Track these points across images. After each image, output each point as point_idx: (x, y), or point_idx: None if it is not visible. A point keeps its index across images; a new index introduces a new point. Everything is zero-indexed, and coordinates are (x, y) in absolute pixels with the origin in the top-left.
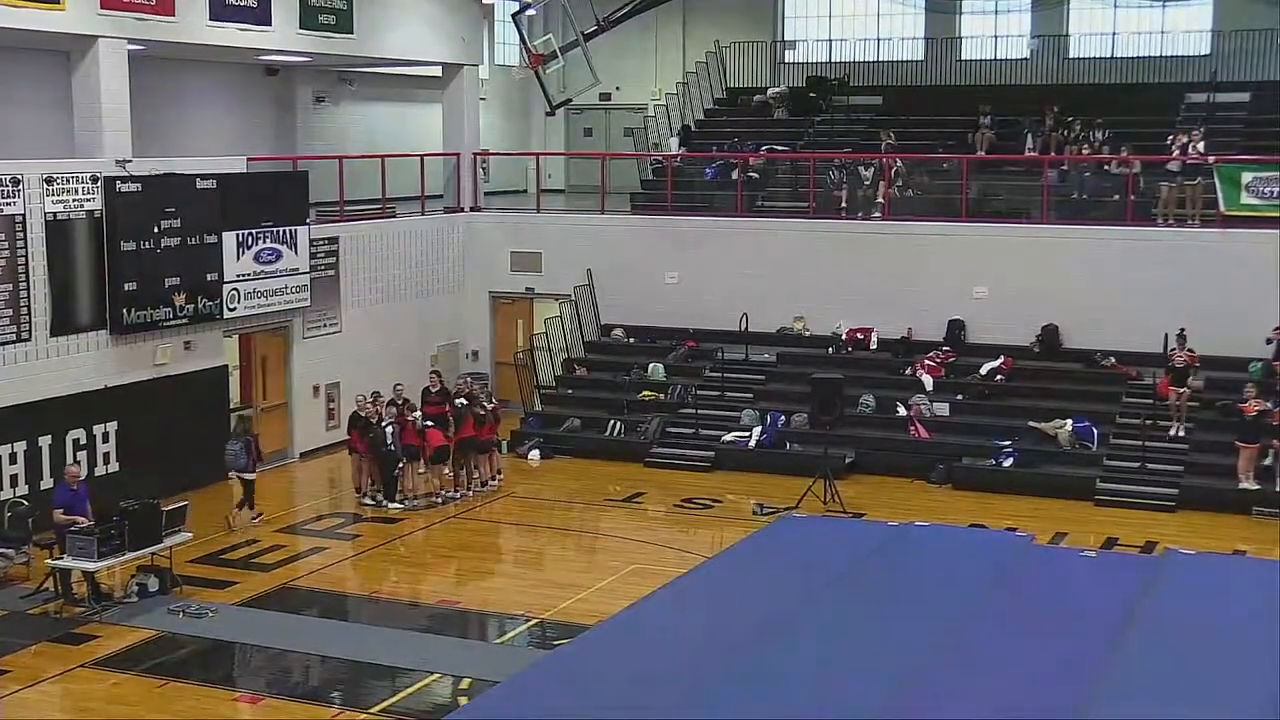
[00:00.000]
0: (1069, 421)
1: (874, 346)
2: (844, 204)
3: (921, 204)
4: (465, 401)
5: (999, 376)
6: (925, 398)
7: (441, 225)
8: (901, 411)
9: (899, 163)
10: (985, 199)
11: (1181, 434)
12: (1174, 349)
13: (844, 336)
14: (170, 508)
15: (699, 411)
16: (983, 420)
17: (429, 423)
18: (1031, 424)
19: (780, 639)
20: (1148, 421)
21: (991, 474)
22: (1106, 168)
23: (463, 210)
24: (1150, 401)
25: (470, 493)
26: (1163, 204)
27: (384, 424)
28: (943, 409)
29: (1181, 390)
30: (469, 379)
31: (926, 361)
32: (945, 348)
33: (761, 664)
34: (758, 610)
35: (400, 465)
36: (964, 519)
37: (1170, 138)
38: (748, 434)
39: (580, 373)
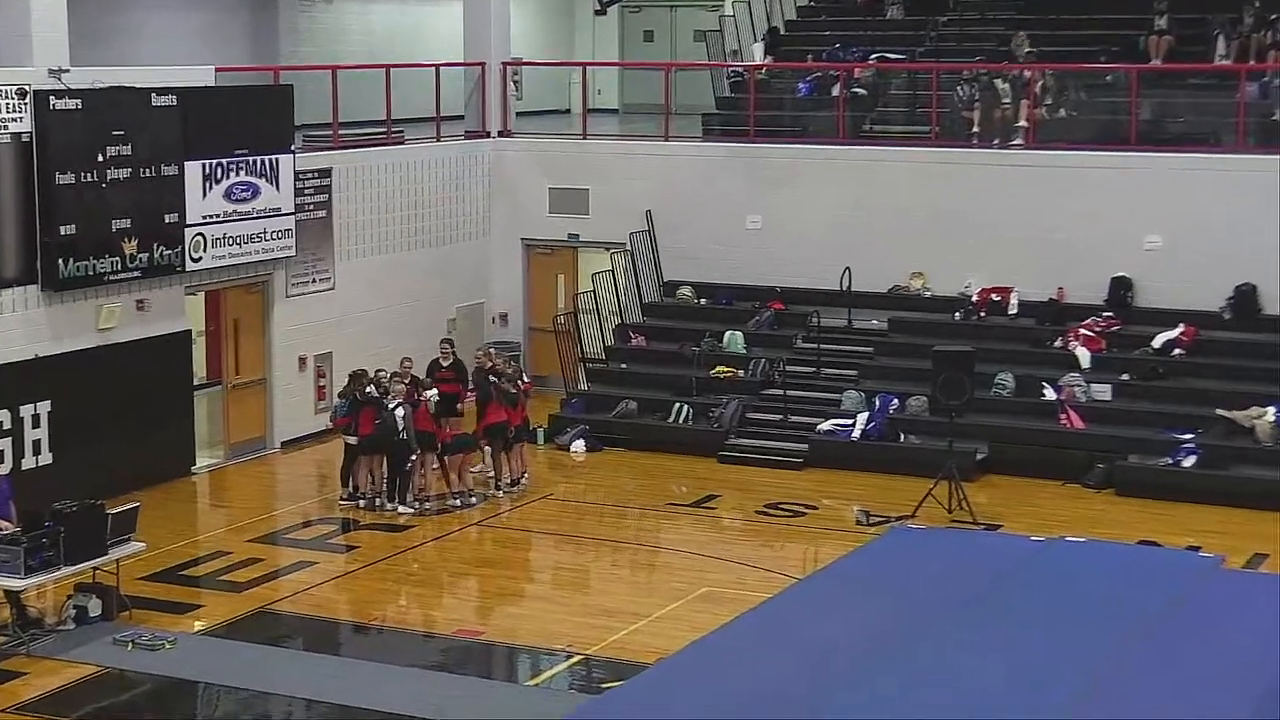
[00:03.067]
0: (1270, 409)
1: (1013, 311)
2: (976, 128)
3: (1076, 127)
4: (494, 379)
5: (1177, 351)
6: (1080, 377)
7: (462, 154)
8: (1049, 395)
9: (1047, 75)
10: (1161, 121)
11: None
12: None
13: (975, 298)
14: (117, 510)
15: (788, 393)
16: (1155, 407)
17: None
18: (1220, 412)
19: (890, 683)
20: None
21: (1166, 476)
22: None
23: (489, 135)
24: None
25: (498, 494)
26: None
27: (392, 404)
28: (1103, 392)
29: None
30: (493, 350)
31: (1082, 331)
32: (1107, 313)
33: (866, 715)
34: (862, 647)
35: (413, 458)
36: (1130, 533)
37: None
38: (850, 422)
39: (637, 342)
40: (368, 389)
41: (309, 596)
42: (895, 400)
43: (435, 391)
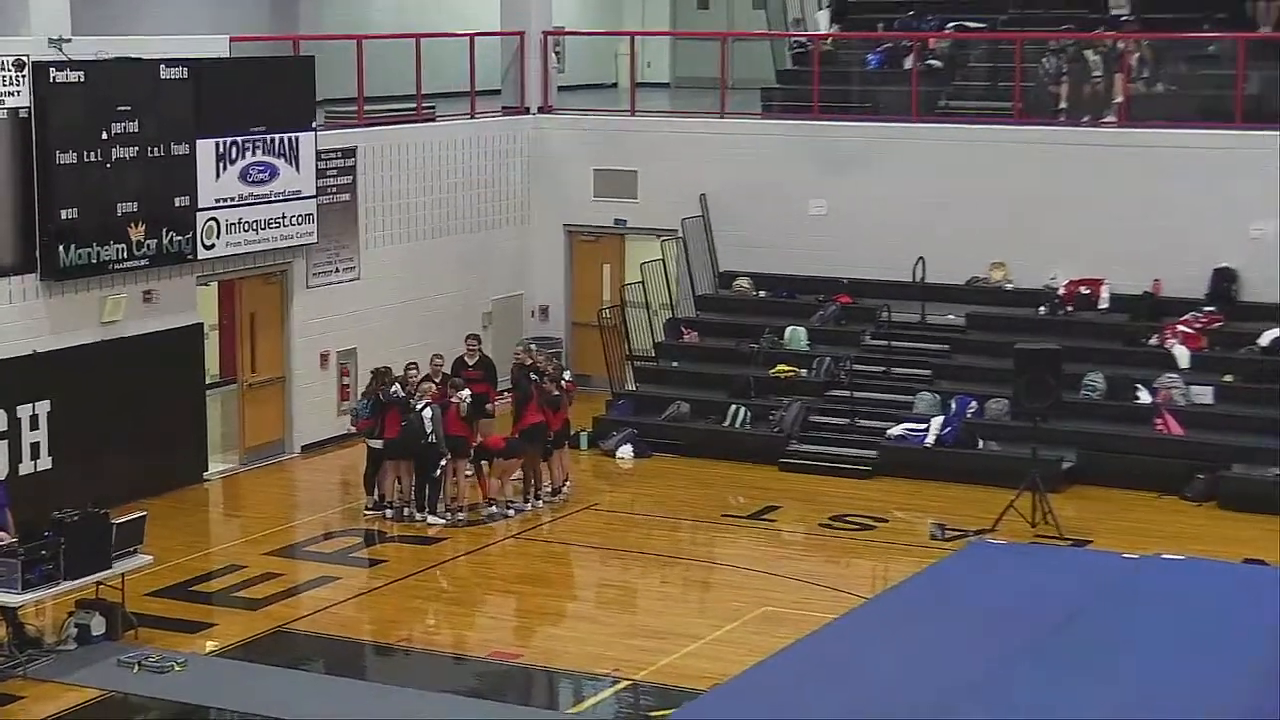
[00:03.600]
0: None
1: (1104, 305)
2: (1063, 104)
3: (1175, 103)
4: (535, 377)
5: None
6: (1178, 378)
7: (499, 133)
8: (1144, 398)
9: (1143, 45)
10: (1270, 96)
11: None
12: None
13: (1062, 291)
14: (123, 520)
15: (855, 394)
16: (1261, 412)
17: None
18: None
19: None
20: None
21: (1274, 488)
22: None
23: (528, 112)
24: None
25: (538, 503)
26: None
27: (420, 405)
28: (1203, 395)
29: None
30: (534, 346)
31: (1180, 327)
32: (1208, 308)
33: None
34: (938, 676)
35: (443, 464)
36: (1233, 551)
37: None
38: (924, 427)
39: (690, 338)
40: (392, 389)
41: (330, 615)
42: (973, 403)
43: (469, 392)
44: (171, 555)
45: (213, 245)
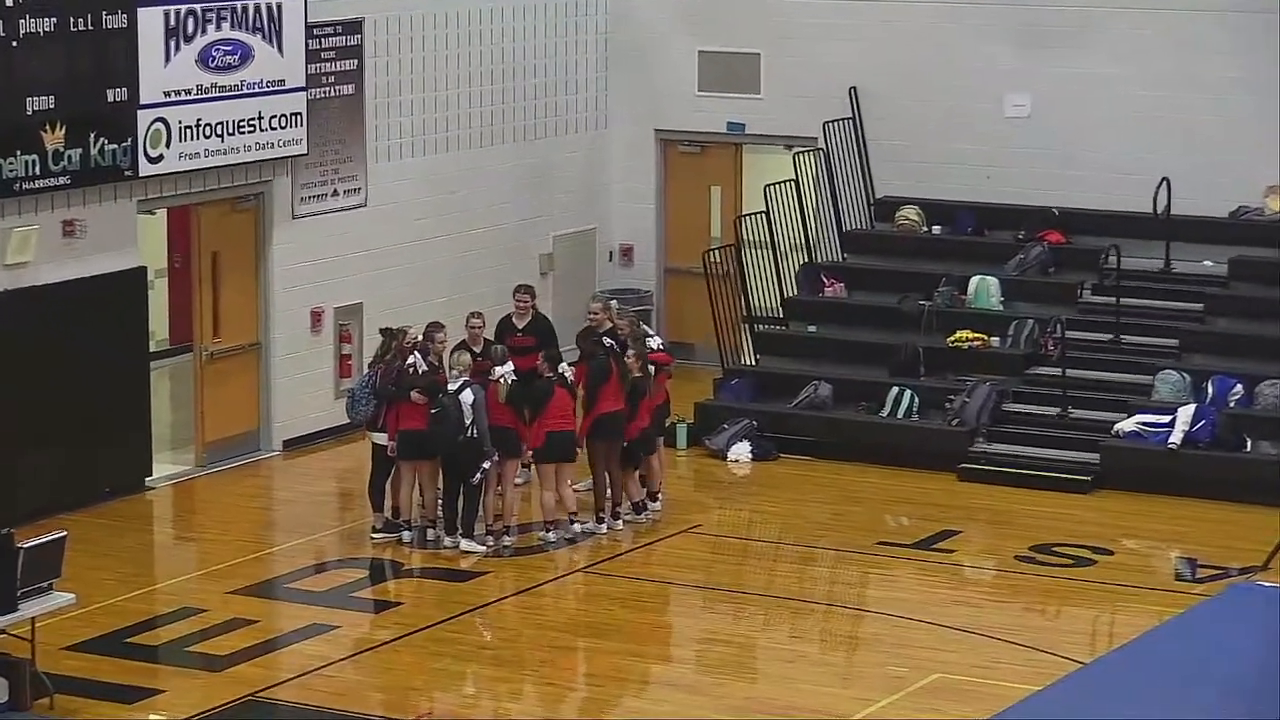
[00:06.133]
0: None
1: None
2: None
3: None
4: (611, 343)
5: None
6: None
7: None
8: None
9: None
10: None
11: None
12: None
13: None
14: (32, 544)
15: (1069, 374)
16: None
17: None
18: None
19: None
20: None
21: None
22: None
23: None
24: None
25: (617, 524)
26: None
27: (456, 385)
28: None
29: None
30: (612, 302)
31: None
32: None
33: None
34: None
35: (485, 467)
36: None
37: None
38: (1167, 420)
39: (833, 292)
40: (409, 361)
41: (324, 680)
42: (1238, 386)
43: (511, 366)
44: (102, 593)
45: (160, 157)
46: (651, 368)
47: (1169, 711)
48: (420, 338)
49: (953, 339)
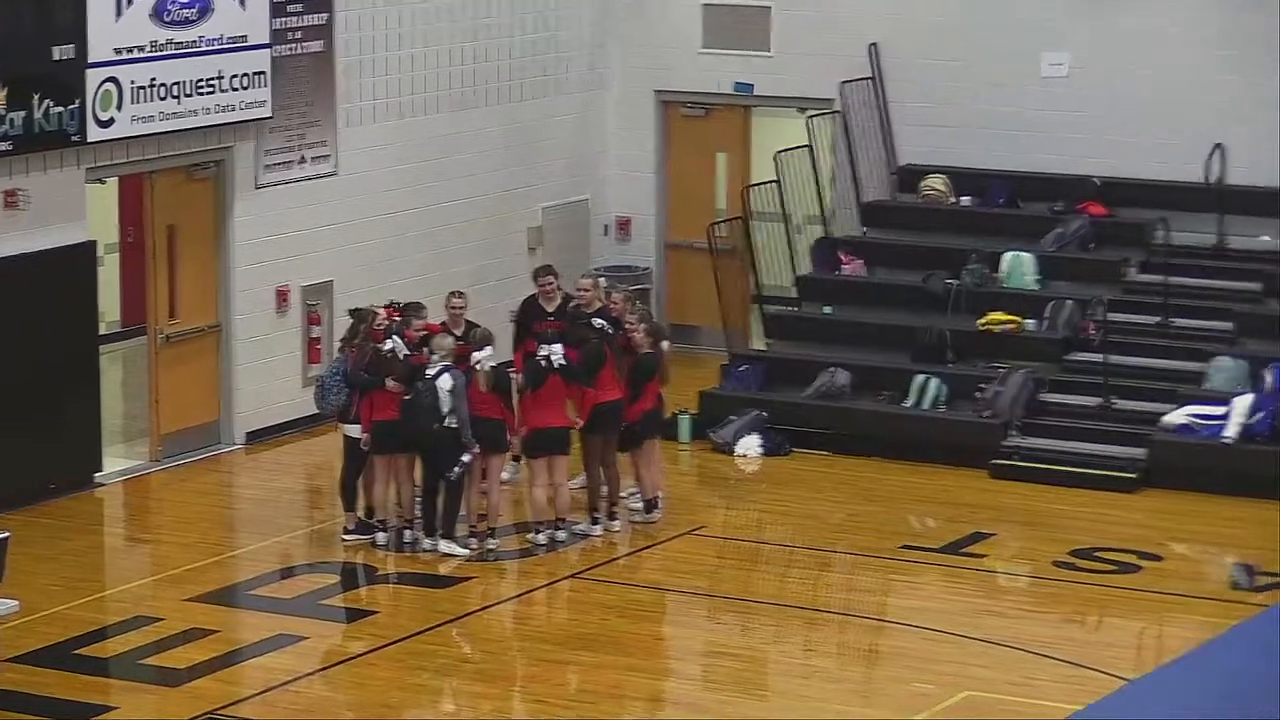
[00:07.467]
0: None
1: None
2: None
3: None
4: (602, 323)
5: None
6: None
7: None
8: None
9: None
10: None
11: None
12: None
13: None
14: None
15: (1110, 360)
16: None
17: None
18: None
19: None
20: None
21: None
22: None
23: None
24: None
25: (613, 525)
26: None
27: (434, 370)
28: None
29: None
30: (604, 282)
31: None
32: None
33: None
34: None
35: (466, 461)
36: None
37: None
38: (1221, 412)
39: (851, 269)
40: (386, 344)
41: (290, 696)
42: None
43: (489, 351)
44: (47, 600)
45: (110, 121)
46: (665, 344)
47: None
48: (388, 322)
49: (983, 322)
